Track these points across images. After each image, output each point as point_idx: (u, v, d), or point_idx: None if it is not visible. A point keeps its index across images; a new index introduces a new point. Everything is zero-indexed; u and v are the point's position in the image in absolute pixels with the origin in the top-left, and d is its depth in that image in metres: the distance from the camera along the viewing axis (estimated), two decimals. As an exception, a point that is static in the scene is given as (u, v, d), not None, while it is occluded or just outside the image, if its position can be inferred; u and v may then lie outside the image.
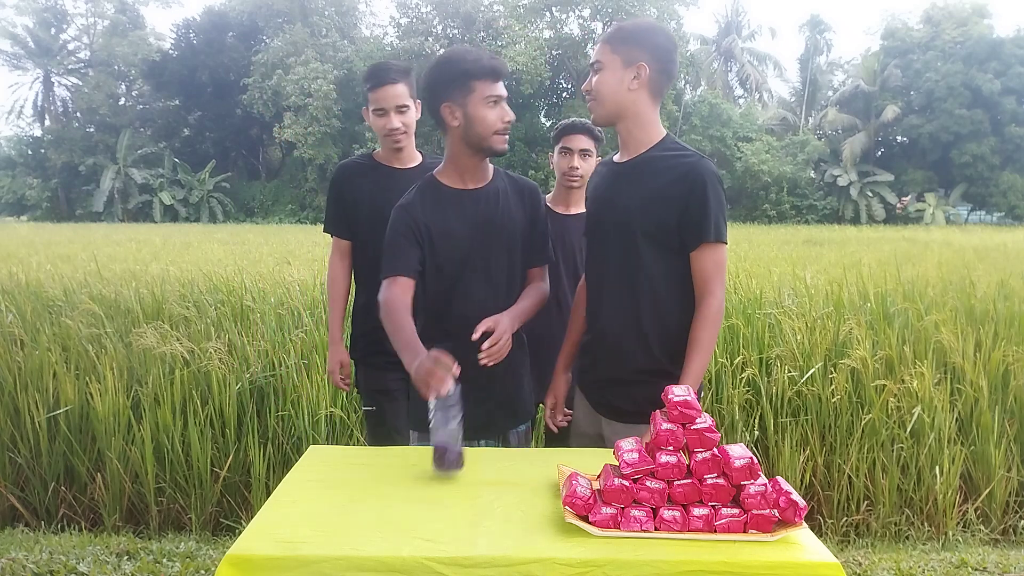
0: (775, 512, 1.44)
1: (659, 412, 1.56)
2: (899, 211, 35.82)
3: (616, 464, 1.54)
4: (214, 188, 37.33)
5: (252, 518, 1.55)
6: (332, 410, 3.72)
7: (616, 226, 2.03)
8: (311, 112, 34.32)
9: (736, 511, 1.44)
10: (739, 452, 1.47)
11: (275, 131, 35.94)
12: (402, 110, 2.58)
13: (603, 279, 2.10)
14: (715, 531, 1.44)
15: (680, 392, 1.54)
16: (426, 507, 1.56)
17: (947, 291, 5.05)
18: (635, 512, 1.45)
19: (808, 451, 3.66)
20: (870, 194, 35.50)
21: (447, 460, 1.71)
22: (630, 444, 1.55)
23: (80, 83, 39.41)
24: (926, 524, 3.57)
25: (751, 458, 1.46)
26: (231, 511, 3.65)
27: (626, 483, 1.46)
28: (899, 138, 37.91)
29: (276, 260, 8.38)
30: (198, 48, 38.57)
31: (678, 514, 1.45)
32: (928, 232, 21.95)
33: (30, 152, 39.21)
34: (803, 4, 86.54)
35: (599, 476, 1.59)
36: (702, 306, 1.96)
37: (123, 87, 40.69)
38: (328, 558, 1.34)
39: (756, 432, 3.76)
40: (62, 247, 12.13)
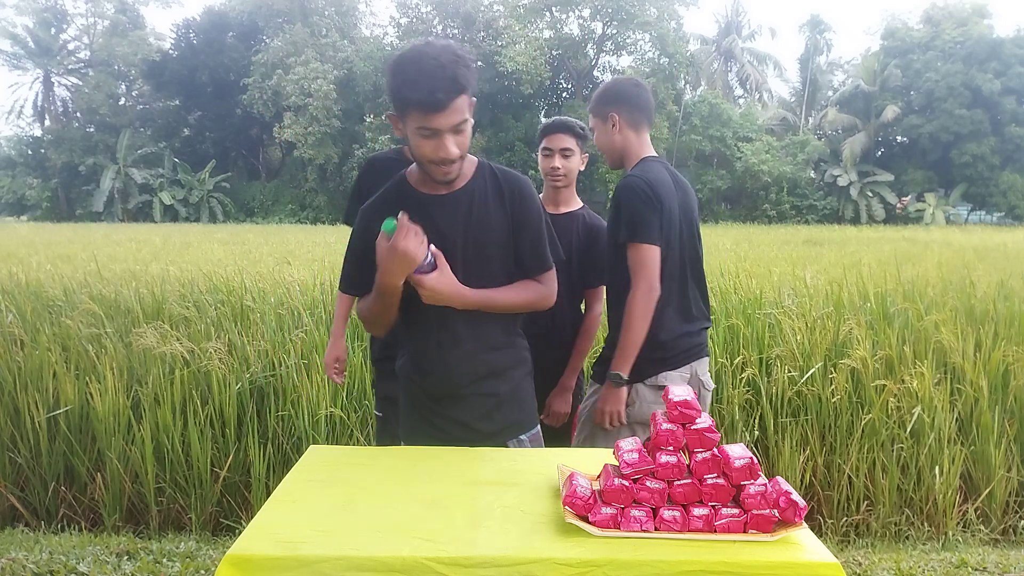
0: (775, 512, 1.44)
1: (659, 412, 1.56)
2: (899, 211, 35.82)
3: (616, 464, 1.54)
4: (214, 188, 37.35)
5: (252, 518, 1.55)
6: (332, 410, 3.72)
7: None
8: (311, 112, 34.33)
9: (736, 511, 1.44)
10: (739, 452, 1.47)
11: (275, 131, 35.95)
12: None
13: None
14: (715, 531, 1.44)
15: (680, 392, 1.54)
16: (426, 507, 1.55)
17: (947, 291, 5.05)
18: (635, 512, 1.45)
19: (808, 451, 3.66)
20: (870, 194, 35.51)
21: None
22: (630, 444, 1.55)
23: (80, 83, 39.43)
24: (926, 524, 3.57)
25: (751, 458, 1.46)
26: (231, 511, 3.65)
27: (626, 483, 1.46)
28: (899, 138, 37.94)
29: (276, 260, 8.38)
30: (198, 48, 38.59)
31: (678, 514, 1.44)
32: (928, 232, 21.96)
33: (30, 152, 39.23)
34: (803, 4, 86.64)
35: (599, 476, 1.59)
36: (627, 297, 2.36)
37: (123, 87, 40.71)
38: (328, 558, 1.34)
39: (756, 432, 3.76)
40: (62, 247, 12.13)
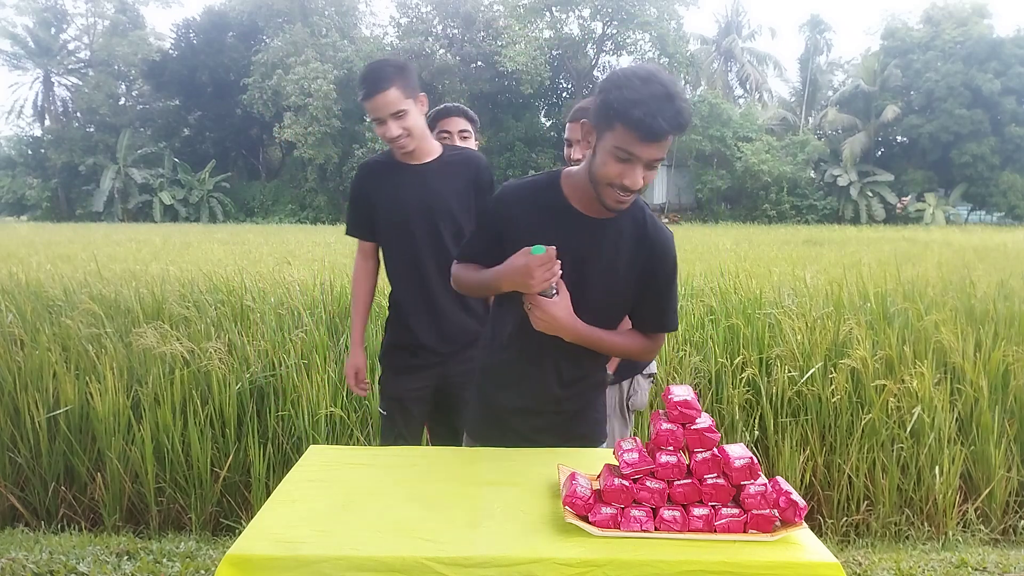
0: (775, 512, 1.44)
1: (659, 412, 1.56)
2: (899, 211, 35.81)
3: (616, 464, 1.54)
4: (214, 188, 37.34)
5: (252, 518, 1.55)
6: (332, 410, 3.72)
7: None
8: (311, 112, 34.31)
9: (736, 511, 1.44)
10: (739, 452, 1.47)
11: (275, 131, 35.94)
12: (399, 115, 2.40)
13: None
14: (715, 531, 1.44)
15: (680, 392, 1.54)
16: (426, 507, 1.55)
17: (947, 291, 5.05)
18: (635, 512, 1.45)
19: (808, 451, 3.66)
20: (870, 194, 35.50)
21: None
22: (630, 444, 1.55)
23: (80, 83, 39.41)
24: (926, 524, 3.57)
25: (751, 458, 1.46)
26: (231, 511, 3.65)
27: (626, 483, 1.46)
28: (899, 138, 37.92)
29: (276, 260, 8.38)
30: (198, 48, 38.57)
31: (678, 514, 1.44)
32: (928, 232, 21.95)
33: (30, 152, 39.21)
34: (803, 4, 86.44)
35: (599, 476, 1.59)
36: None
37: (123, 87, 40.68)
38: (328, 558, 1.34)
39: (756, 432, 3.76)
40: (62, 247, 12.13)
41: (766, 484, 1.45)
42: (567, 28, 38.64)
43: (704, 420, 1.50)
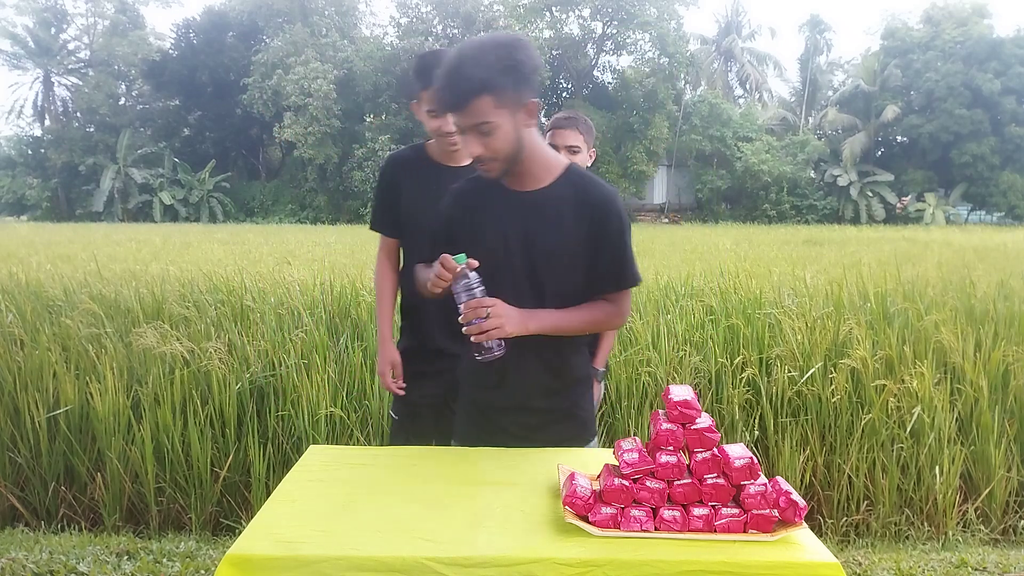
0: (775, 512, 1.44)
1: (659, 412, 1.56)
2: (899, 211, 35.81)
3: (616, 464, 1.54)
4: (214, 188, 37.33)
5: (252, 518, 1.55)
6: (332, 410, 3.72)
7: None
8: (311, 112, 34.31)
9: (736, 511, 1.44)
10: (739, 452, 1.47)
11: (275, 131, 35.92)
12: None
13: None
14: (715, 531, 1.44)
15: (680, 392, 1.54)
16: (426, 507, 1.55)
17: (947, 291, 5.05)
18: (635, 512, 1.45)
19: (808, 451, 3.66)
20: (870, 194, 35.50)
21: (484, 349, 1.76)
22: (630, 444, 1.55)
23: (80, 83, 39.38)
24: (926, 524, 3.57)
25: (751, 458, 1.46)
26: (231, 511, 3.65)
27: (626, 483, 1.46)
28: (899, 138, 37.92)
29: (276, 260, 8.39)
30: (198, 48, 38.56)
31: (678, 514, 1.44)
32: (928, 232, 21.96)
33: (30, 152, 39.19)
34: (803, 4, 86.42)
35: (599, 476, 1.59)
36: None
37: (123, 87, 40.66)
38: (328, 558, 1.34)
39: (756, 432, 3.76)
40: (62, 247, 12.13)
41: (766, 484, 1.45)
42: (567, 28, 38.65)
43: (704, 420, 1.50)
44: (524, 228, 1.89)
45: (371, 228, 2.59)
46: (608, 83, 39.30)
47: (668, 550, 1.39)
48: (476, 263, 1.76)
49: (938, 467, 3.56)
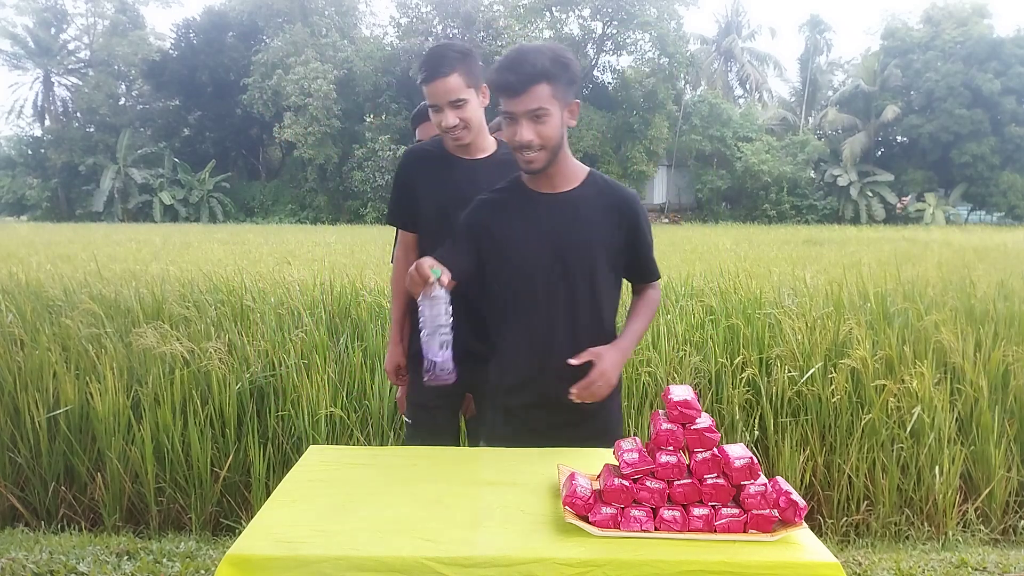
0: (775, 512, 1.44)
1: (659, 412, 1.56)
2: (899, 211, 35.81)
3: (616, 464, 1.54)
4: (214, 188, 37.31)
5: (252, 518, 1.55)
6: (332, 410, 3.72)
7: None
8: (311, 112, 34.29)
9: (736, 511, 1.44)
10: (739, 452, 1.47)
11: (275, 131, 35.91)
12: (458, 104, 2.26)
13: None
14: (715, 531, 1.44)
15: (680, 392, 1.54)
16: (426, 507, 1.55)
17: (947, 291, 5.05)
18: (635, 512, 1.45)
19: (808, 451, 3.66)
20: (870, 194, 35.49)
21: (435, 373, 1.72)
22: (630, 444, 1.55)
23: (80, 83, 39.36)
24: (926, 524, 3.57)
25: (751, 458, 1.46)
26: (231, 511, 3.65)
27: (626, 483, 1.46)
28: (899, 138, 37.90)
29: (276, 260, 8.38)
30: (198, 48, 38.54)
31: (678, 514, 1.45)
32: (928, 232, 21.95)
33: (30, 152, 39.17)
34: (803, 4, 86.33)
35: (599, 476, 1.59)
36: None
37: (123, 87, 40.62)
38: (328, 558, 1.34)
39: (756, 432, 3.76)
40: (62, 247, 12.13)
41: (766, 484, 1.45)
42: (567, 28, 38.62)
43: (704, 420, 1.50)
44: (559, 227, 1.98)
45: (388, 222, 2.57)
46: (608, 83, 39.29)
47: (668, 550, 1.39)
48: (447, 281, 1.78)
49: (938, 467, 3.56)
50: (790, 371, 3.82)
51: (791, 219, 34.65)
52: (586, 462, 1.76)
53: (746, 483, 1.45)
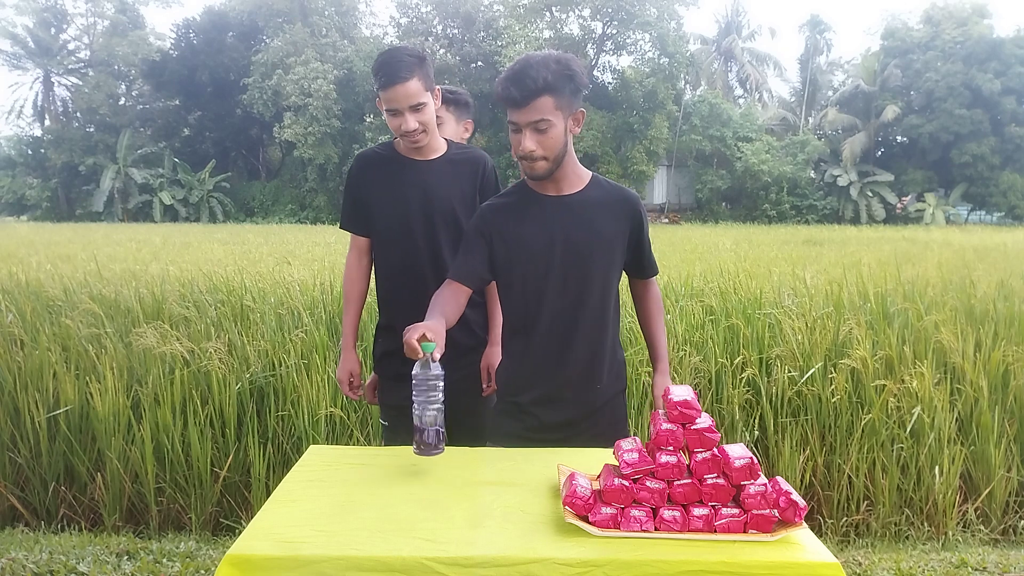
0: (775, 512, 1.44)
1: (659, 412, 1.56)
2: (899, 211, 35.81)
3: (616, 464, 1.54)
4: (214, 188, 37.32)
5: (252, 518, 1.55)
6: (332, 410, 3.72)
7: None
8: (311, 112, 34.31)
9: (736, 511, 1.44)
10: (739, 452, 1.47)
11: (275, 131, 35.93)
12: (418, 108, 2.28)
13: None
14: (715, 531, 1.44)
15: (680, 392, 1.54)
16: (426, 507, 1.55)
17: (947, 291, 5.05)
18: (635, 512, 1.45)
19: (808, 451, 3.66)
20: (870, 194, 35.50)
21: (423, 444, 1.70)
22: (630, 444, 1.55)
23: (80, 83, 39.36)
24: (926, 524, 3.57)
25: (751, 458, 1.46)
26: (231, 511, 3.65)
27: (626, 483, 1.46)
28: (899, 138, 37.90)
29: (276, 260, 8.37)
30: (198, 48, 38.55)
31: (678, 514, 1.45)
32: (928, 232, 21.95)
33: (30, 152, 39.18)
34: (803, 4, 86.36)
35: (599, 476, 1.59)
36: None
37: (123, 87, 40.64)
38: (328, 558, 1.34)
39: (756, 432, 3.76)
40: (62, 247, 12.13)
41: (766, 484, 1.45)
42: (567, 28, 38.64)
43: (704, 420, 1.50)
44: (568, 228, 2.04)
45: (341, 227, 2.56)
46: (608, 83, 39.28)
47: (668, 550, 1.39)
48: (439, 355, 1.76)
49: (938, 467, 3.56)
50: (790, 371, 3.82)
51: (791, 219, 34.66)
52: (586, 462, 1.76)
53: (746, 483, 1.45)
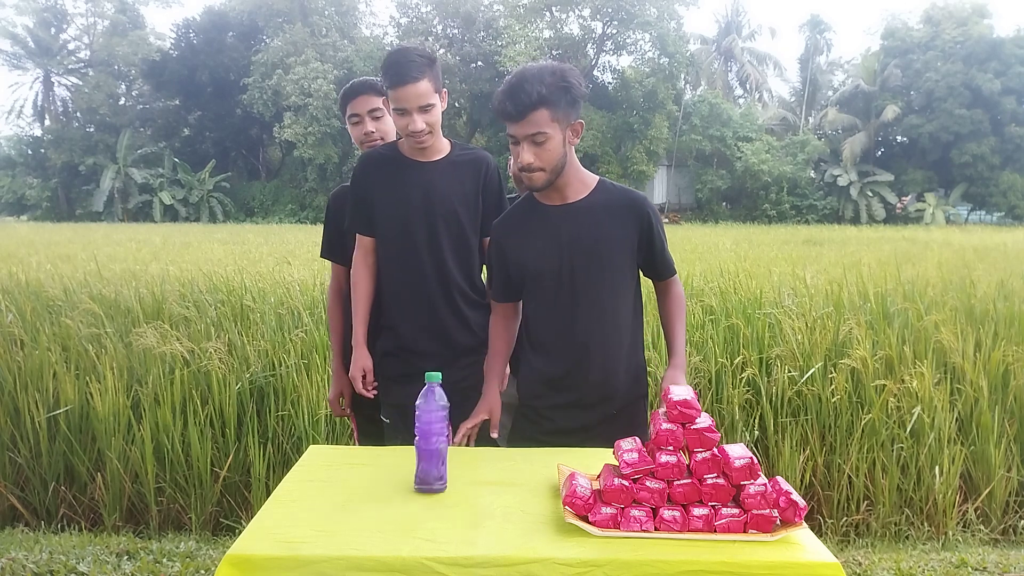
0: (775, 512, 1.44)
1: (659, 412, 1.56)
2: (899, 211, 35.81)
3: (616, 464, 1.54)
4: (214, 188, 37.31)
5: (252, 518, 1.55)
6: (332, 410, 3.72)
7: None
8: (311, 112, 34.31)
9: (736, 511, 1.44)
10: (739, 452, 1.47)
11: (275, 131, 35.93)
12: (426, 109, 2.27)
13: None
14: (715, 531, 1.44)
15: (680, 392, 1.54)
16: (426, 507, 1.56)
17: (947, 291, 5.05)
18: (635, 512, 1.45)
19: (808, 451, 3.66)
20: (870, 194, 35.49)
21: (426, 481, 1.68)
22: (630, 444, 1.55)
23: (80, 83, 39.35)
24: (926, 524, 3.57)
25: (751, 458, 1.46)
26: (231, 511, 3.65)
27: (626, 483, 1.46)
28: (899, 138, 37.89)
29: (276, 260, 8.37)
30: (198, 48, 38.54)
31: (678, 514, 1.45)
32: (928, 232, 21.94)
33: (30, 152, 39.18)
34: (803, 4, 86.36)
35: (599, 476, 1.59)
36: None
37: (123, 87, 40.64)
38: (328, 558, 1.34)
39: (756, 432, 3.76)
40: (62, 247, 12.13)
41: (766, 484, 1.45)
42: (567, 28, 38.64)
43: (704, 420, 1.50)
44: (575, 235, 2.05)
45: (346, 230, 2.55)
46: (608, 83, 39.29)
47: (668, 550, 1.39)
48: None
49: (938, 467, 3.56)
50: (790, 371, 3.82)
51: (791, 219, 34.65)
52: (586, 462, 1.76)
53: (746, 483, 1.45)
